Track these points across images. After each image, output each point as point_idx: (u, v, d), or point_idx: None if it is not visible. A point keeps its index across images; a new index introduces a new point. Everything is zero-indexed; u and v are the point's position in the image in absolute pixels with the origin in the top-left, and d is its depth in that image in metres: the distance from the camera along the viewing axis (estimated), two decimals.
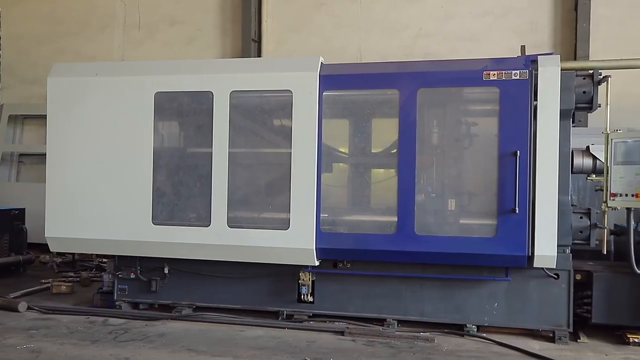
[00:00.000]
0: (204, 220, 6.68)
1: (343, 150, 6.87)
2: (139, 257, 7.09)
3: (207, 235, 6.64)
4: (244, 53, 12.21)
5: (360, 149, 6.77)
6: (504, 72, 6.05)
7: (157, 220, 6.80)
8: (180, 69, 6.97)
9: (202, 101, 6.74)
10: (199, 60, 7.93)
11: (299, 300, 6.78)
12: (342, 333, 6.34)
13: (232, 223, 6.61)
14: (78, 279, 9.21)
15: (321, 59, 6.58)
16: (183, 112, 6.98)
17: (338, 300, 6.75)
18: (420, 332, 6.32)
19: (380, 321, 6.60)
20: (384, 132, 6.68)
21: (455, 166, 6.40)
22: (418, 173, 6.28)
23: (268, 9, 12.38)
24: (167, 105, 6.90)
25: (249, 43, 12.18)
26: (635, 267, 6.05)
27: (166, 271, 7.11)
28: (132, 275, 7.21)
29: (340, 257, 6.62)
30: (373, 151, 6.79)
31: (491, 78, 6.08)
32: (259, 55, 12.32)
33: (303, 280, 6.72)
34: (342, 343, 6.08)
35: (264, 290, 6.94)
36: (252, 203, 6.85)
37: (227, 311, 7.00)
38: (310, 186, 6.37)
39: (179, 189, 6.87)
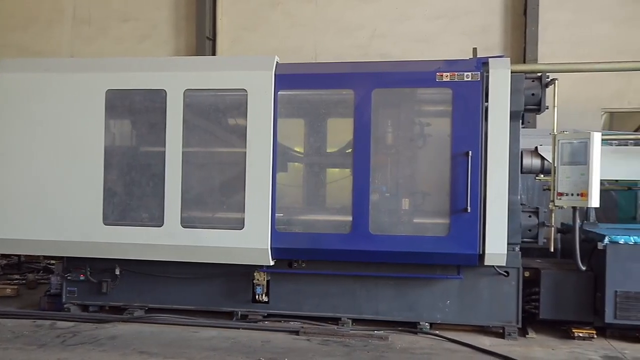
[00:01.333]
0: (157, 220, 6.57)
1: (298, 150, 6.87)
2: (89, 258, 6.91)
3: (160, 235, 6.53)
4: (199, 51, 12.08)
5: (316, 148, 6.78)
6: (456, 73, 6.15)
7: (108, 220, 6.65)
8: (132, 67, 6.84)
9: (155, 99, 6.63)
10: (152, 58, 7.82)
11: (254, 300, 6.74)
12: (297, 333, 6.34)
13: (186, 223, 6.52)
14: (24, 281, 8.93)
15: (276, 58, 6.57)
16: (135, 110, 6.84)
17: (293, 300, 6.74)
18: (374, 331, 6.38)
19: (335, 320, 6.63)
20: (339, 132, 6.70)
21: (409, 166, 6.48)
22: (373, 173, 6.33)
23: (223, 6, 12.28)
24: (119, 103, 6.76)
25: (204, 41, 12.06)
26: (581, 264, 6.25)
27: (117, 272, 6.96)
28: (82, 277, 7.03)
29: (295, 256, 6.62)
30: (328, 151, 6.82)
31: (444, 79, 6.18)
32: (214, 54, 12.20)
33: (258, 280, 6.68)
34: (297, 343, 6.07)
35: (218, 291, 6.88)
36: (207, 203, 6.78)
37: (180, 312, 6.91)
38: (265, 186, 6.35)
39: (131, 188, 6.74)
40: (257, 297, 6.70)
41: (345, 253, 6.36)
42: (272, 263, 6.48)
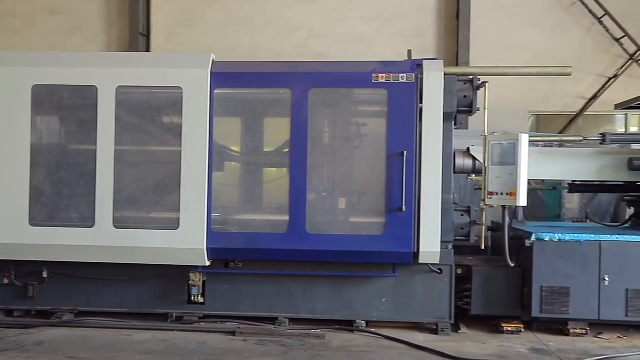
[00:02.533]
0: (88, 220, 6.35)
1: (235, 149, 6.80)
2: (14, 260, 6.60)
3: (91, 236, 6.33)
4: (132, 47, 11.77)
5: (253, 148, 6.74)
6: (391, 75, 6.25)
7: (35, 221, 6.39)
8: (61, 61, 6.60)
9: (86, 96, 6.41)
10: (82, 53, 7.55)
11: (189, 302, 6.62)
12: (233, 333, 6.28)
13: (119, 223, 6.34)
14: None
15: (213, 56, 6.48)
16: (65, 107, 6.59)
17: (230, 300, 6.67)
18: (311, 330, 6.40)
19: (272, 320, 6.60)
20: (276, 132, 6.69)
21: (346, 166, 6.54)
22: (310, 172, 6.35)
23: (157, 2, 12.02)
24: (47, 99, 6.50)
25: (137, 37, 11.76)
26: (510, 260, 6.48)
27: (45, 275, 6.68)
28: (6, 281, 6.71)
29: (232, 256, 6.55)
30: (265, 150, 6.79)
31: (380, 80, 6.26)
32: (148, 50, 11.92)
33: (193, 281, 6.57)
34: (233, 343, 6.02)
35: (152, 293, 6.72)
36: (140, 202, 6.62)
37: (113, 315, 6.70)
38: (201, 185, 6.26)
39: (60, 187, 6.49)
40: (192, 298, 6.59)
41: (283, 252, 6.35)
42: (208, 263, 6.40)
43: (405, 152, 6.16)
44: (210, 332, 6.36)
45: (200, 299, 6.60)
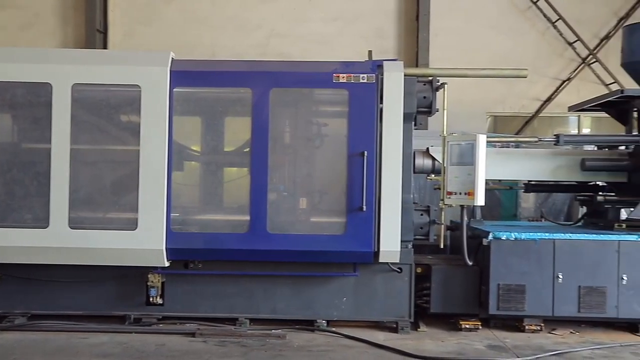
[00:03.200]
0: (42, 221, 6.19)
1: (195, 149, 6.72)
2: None
3: (46, 237, 6.16)
4: (88, 44, 11.52)
5: (213, 147, 6.68)
6: (352, 75, 6.28)
7: None
8: (13, 57, 6.42)
9: (40, 93, 6.24)
10: (36, 48, 7.35)
11: (148, 303, 6.51)
12: (193, 334, 6.21)
13: (74, 224, 6.19)
14: None
15: (172, 54, 6.40)
16: (16, 104, 6.39)
17: (189, 301, 6.59)
18: (272, 330, 6.37)
19: (233, 321, 6.55)
20: (237, 131, 6.65)
21: (307, 165, 6.54)
22: (270, 172, 6.33)
23: None
24: None
25: (94, 33, 11.52)
26: (468, 259, 6.58)
27: None
28: None
29: (192, 257, 6.48)
30: (226, 150, 6.74)
31: (341, 80, 6.28)
32: (105, 47, 11.70)
33: (152, 282, 6.46)
34: (193, 345, 5.95)
35: (109, 294, 6.58)
36: (97, 202, 6.48)
37: (68, 318, 6.53)
38: (159, 185, 6.17)
39: (12, 187, 6.29)
40: (151, 299, 6.48)
41: (243, 253, 6.32)
42: (167, 264, 6.31)
43: (365, 152, 6.20)
44: (169, 334, 6.27)
45: (159, 300, 6.50)
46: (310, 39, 11.77)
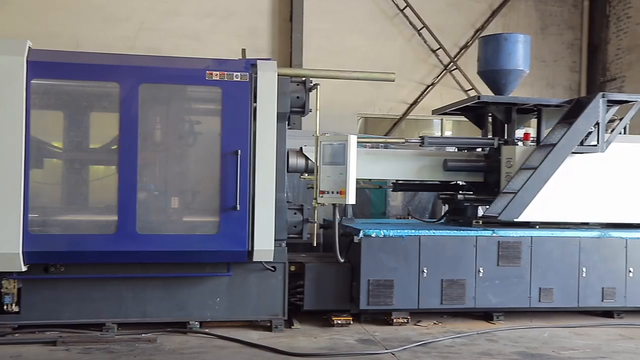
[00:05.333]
0: None
1: (57, 145, 6.30)
2: None
3: None
4: None
5: (77, 143, 6.30)
6: (225, 73, 6.21)
7: None
8: None
9: None
10: None
11: (2, 312, 6.01)
12: (54, 343, 5.82)
13: None
14: None
15: (29, 43, 5.95)
16: None
17: (50, 308, 6.18)
18: (142, 334, 6.14)
19: (100, 326, 6.23)
20: (104, 127, 6.33)
21: (179, 164, 6.37)
22: (140, 170, 6.09)
23: None
24: None
25: None
26: (340, 256, 6.76)
27: None
28: None
29: (53, 260, 6.08)
30: (91, 146, 6.37)
31: (214, 78, 6.19)
32: None
33: (6, 288, 5.99)
34: (53, 354, 5.57)
35: None
36: None
37: None
38: (15, 183, 5.72)
39: None
40: (5, 307, 5.99)
41: (111, 254, 6.03)
42: (24, 269, 5.86)
43: (239, 151, 6.15)
44: (27, 344, 5.83)
45: (15, 308, 6.04)
46: (182, 34, 11.47)
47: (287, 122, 6.65)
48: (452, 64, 12.58)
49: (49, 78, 6.01)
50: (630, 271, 7.33)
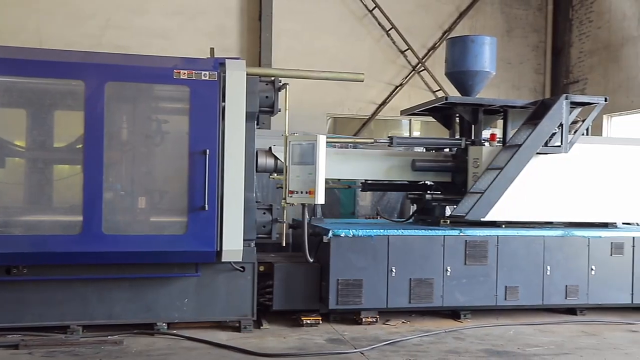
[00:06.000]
0: None
1: (19, 144, 6.15)
2: None
3: None
4: None
5: (40, 142, 6.17)
6: (194, 72, 6.15)
7: None
8: None
9: None
10: None
11: None
12: (16, 347, 5.68)
13: None
14: None
15: None
16: None
17: (12, 311, 6.03)
18: (108, 336, 6.04)
19: (64, 329, 6.11)
20: (68, 126, 6.21)
21: (146, 163, 6.29)
22: (106, 170, 6.00)
23: None
24: None
25: None
26: (309, 256, 6.76)
27: None
28: None
29: (15, 262, 5.93)
30: (55, 145, 6.25)
31: (182, 77, 6.13)
32: None
33: None
34: (16, 358, 5.45)
35: None
36: None
37: None
38: None
39: None
40: None
41: (76, 255, 5.92)
42: None
43: (207, 151, 6.10)
44: None
45: None
46: (150, 32, 11.33)
47: (256, 122, 6.62)
48: (420, 65, 12.69)
49: (11, 75, 5.88)
50: (592, 269, 7.50)
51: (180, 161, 6.16)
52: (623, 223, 8.42)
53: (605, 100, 7.66)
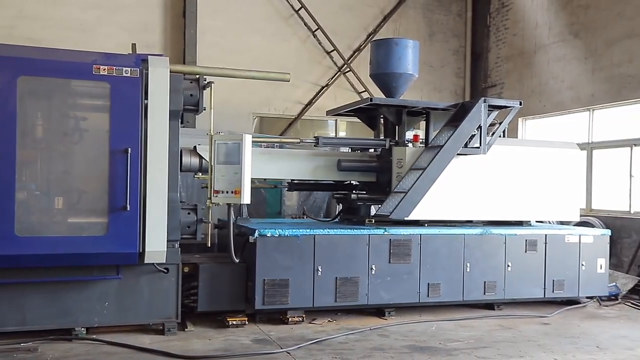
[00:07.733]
0: None
1: None
2: None
3: None
4: None
5: None
6: (114, 68, 5.95)
7: None
8: None
9: None
10: None
11: None
12: None
13: None
14: None
15: None
16: None
17: None
18: (21, 343, 5.74)
19: None
20: None
21: (64, 162, 6.01)
22: (19, 169, 5.70)
23: None
24: None
25: None
26: (235, 256, 6.69)
27: None
28: None
29: None
30: None
31: (101, 73, 5.92)
32: None
33: None
34: None
35: None
36: None
37: None
38: None
39: None
40: None
41: None
42: None
43: (129, 149, 5.92)
44: None
45: None
46: (67, 25, 10.86)
47: (180, 120, 6.48)
48: (345, 66, 12.84)
49: None
50: (508, 265, 7.84)
51: (101, 160, 5.95)
52: (536, 221, 8.86)
53: (520, 104, 8.03)
